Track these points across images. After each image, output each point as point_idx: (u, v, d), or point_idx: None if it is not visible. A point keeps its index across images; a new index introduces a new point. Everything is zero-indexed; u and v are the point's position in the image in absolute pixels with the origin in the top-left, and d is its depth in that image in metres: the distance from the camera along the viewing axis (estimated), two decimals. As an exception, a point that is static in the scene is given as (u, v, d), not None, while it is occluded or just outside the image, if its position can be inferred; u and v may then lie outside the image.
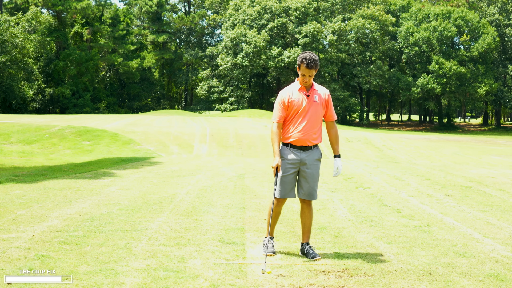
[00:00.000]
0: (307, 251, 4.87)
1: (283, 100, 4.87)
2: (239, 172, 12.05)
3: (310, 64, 4.74)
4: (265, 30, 56.34)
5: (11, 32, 48.28)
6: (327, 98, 4.94)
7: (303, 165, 4.88)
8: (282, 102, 4.87)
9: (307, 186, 4.90)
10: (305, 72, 4.78)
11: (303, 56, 4.79)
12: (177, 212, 6.73)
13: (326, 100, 4.93)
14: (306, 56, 4.77)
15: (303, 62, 4.76)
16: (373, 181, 10.60)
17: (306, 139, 4.85)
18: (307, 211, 5.00)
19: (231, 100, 58.98)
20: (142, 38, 74.00)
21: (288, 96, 4.86)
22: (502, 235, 5.88)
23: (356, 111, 59.59)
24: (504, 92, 57.17)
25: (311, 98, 4.86)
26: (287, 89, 4.94)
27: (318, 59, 4.81)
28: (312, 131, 4.86)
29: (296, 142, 4.86)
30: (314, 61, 4.75)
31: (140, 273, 4.19)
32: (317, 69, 4.80)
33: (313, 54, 4.81)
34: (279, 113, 4.88)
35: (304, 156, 4.87)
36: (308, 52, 4.83)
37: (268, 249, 4.87)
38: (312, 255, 4.78)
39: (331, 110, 4.98)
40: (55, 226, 5.76)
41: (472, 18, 54.73)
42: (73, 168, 12.28)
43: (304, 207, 5.02)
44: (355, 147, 24.58)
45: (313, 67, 4.75)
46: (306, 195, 4.92)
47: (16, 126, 23.39)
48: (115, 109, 62.19)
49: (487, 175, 12.02)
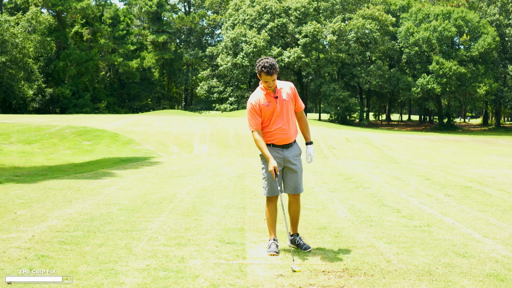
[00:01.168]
0: (298, 242, 5.06)
1: (253, 108, 4.94)
2: (239, 172, 12.05)
3: (270, 71, 4.78)
4: (265, 30, 56.35)
5: (11, 32, 48.29)
6: (293, 91, 5.05)
7: (287, 162, 5.04)
8: (253, 110, 4.94)
9: (293, 181, 5.06)
10: (267, 79, 4.83)
11: (261, 64, 4.80)
12: (177, 212, 6.73)
13: (293, 93, 5.03)
14: (264, 65, 4.79)
15: (262, 71, 4.80)
16: (373, 181, 10.60)
17: (286, 137, 5.02)
18: (295, 205, 5.17)
19: (231, 100, 58.99)
20: (142, 38, 74.03)
21: (258, 103, 4.94)
22: (502, 235, 5.87)
23: (356, 111, 59.59)
24: (504, 92, 57.19)
25: (280, 98, 4.95)
26: (254, 97, 4.99)
27: (275, 62, 4.83)
28: (290, 128, 5.02)
29: (278, 142, 5.02)
30: (272, 66, 4.78)
31: (140, 273, 4.19)
32: (277, 72, 4.84)
33: (270, 59, 4.82)
34: (254, 121, 4.96)
35: (287, 153, 5.04)
36: (264, 59, 4.83)
37: (271, 249, 4.91)
38: (304, 246, 4.99)
39: (299, 101, 5.10)
40: (55, 226, 5.76)
41: (472, 18, 54.74)
42: (73, 168, 12.27)
43: (292, 202, 5.17)
44: (355, 147, 24.58)
45: (273, 72, 4.80)
46: (293, 189, 5.08)
47: (16, 126, 23.39)
48: (115, 109, 62.20)
49: (487, 175, 12.02)
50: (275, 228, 5.15)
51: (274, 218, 5.12)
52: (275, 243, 4.98)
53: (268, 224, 5.12)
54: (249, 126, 5.02)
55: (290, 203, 5.17)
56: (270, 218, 5.10)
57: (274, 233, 5.08)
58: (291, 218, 5.18)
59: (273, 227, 5.11)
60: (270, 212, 5.10)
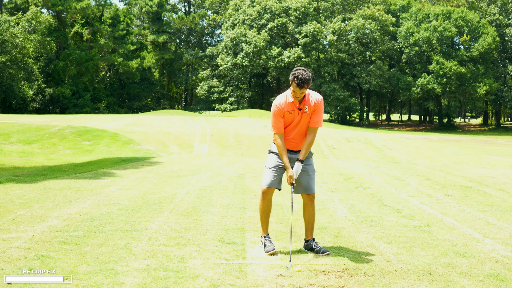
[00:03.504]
0: (314, 247, 5.00)
1: (279, 110, 4.93)
2: (239, 172, 12.05)
3: (301, 84, 4.71)
4: (265, 30, 56.34)
5: (11, 32, 48.26)
6: (316, 106, 4.91)
7: (293, 161, 5.02)
8: (278, 112, 4.93)
9: (304, 181, 5.03)
10: (296, 90, 4.78)
11: (295, 74, 4.73)
12: (177, 212, 6.73)
13: (313, 108, 4.91)
14: (298, 76, 4.71)
15: (294, 81, 4.74)
16: (373, 181, 10.60)
17: (296, 145, 5.04)
18: (310, 208, 5.10)
19: (231, 100, 58.98)
20: (142, 38, 74.01)
21: (283, 107, 4.92)
22: (502, 235, 5.88)
23: (356, 111, 59.58)
24: (504, 92, 57.16)
25: (302, 110, 4.91)
26: (280, 100, 4.95)
27: (310, 76, 4.74)
28: (301, 138, 5.01)
29: (288, 147, 5.05)
30: (306, 80, 4.69)
31: (140, 273, 4.20)
32: (309, 85, 4.77)
33: (306, 72, 4.72)
34: (278, 124, 4.95)
35: (295, 156, 5.04)
36: (301, 70, 4.74)
37: (269, 248, 4.91)
38: (322, 250, 4.93)
39: (316, 117, 4.94)
40: (55, 226, 5.76)
41: (472, 18, 54.72)
42: (73, 168, 12.27)
43: (307, 204, 5.11)
44: (355, 147, 24.59)
45: (304, 86, 4.73)
46: (304, 189, 5.04)
47: (16, 126, 23.39)
48: (115, 109, 62.17)
49: (487, 175, 12.02)
50: (268, 224, 5.16)
51: (267, 213, 5.12)
52: (268, 239, 5.00)
53: (261, 220, 5.12)
54: (272, 128, 5.01)
55: (305, 206, 5.12)
56: (263, 213, 5.09)
57: (266, 229, 5.10)
58: (306, 223, 5.14)
59: (266, 223, 5.12)
60: (264, 206, 5.06)
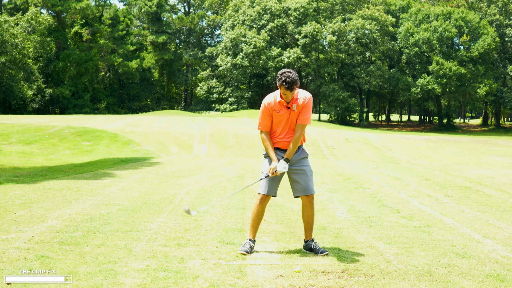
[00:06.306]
0: (314, 247, 5.00)
1: (267, 109, 4.97)
2: (239, 172, 12.05)
3: (291, 87, 4.77)
4: (265, 30, 56.34)
5: (11, 32, 48.25)
6: (304, 104, 4.92)
7: (291, 164, 5.02)
8: (266, 110, 4.97)
9: (302, 181, 5.01)
10: (287, 93, 4.83)
11: (282, 79, 4.77)
12: (176, 213, 6.73)
13: (302, 105, 4.92)
14: (285, 79, 4.75)
15: (283, 85, 4.78)
16: (372, 181, 10.60)
17: (286, 143, 5.04)
18: (309, 209, 5.07)
19: (231, 101, 58.98)
20: (142, 38, 74.02)
21: (272, 106, 4.96)
22: (502, 235, 5.88)
23: (356, 112, 59.57)
24: (503, 92, 57.15)
25: (291, 108, 4.94)
26: (269, 99, 5.00)
27: (297, 75, 4.80)
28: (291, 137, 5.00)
29: (282, 146, 5.05)
30: (294, 81, 4.75)
31: (139, 274, 4.19)
32: (298, 85, 4.81)
33: (292, 73, 4.77)
34: (264, 121, 5.01)
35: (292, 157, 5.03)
36: (286, 72, 4.78)
37: (244, 247, 4.90)
38: (321, 251, 4.93)
39: (304, 114, 4.94)
40: (55, 226, 5.76)
41: (472, 19, 54.72)
42: (73, 169, 12.27)
43: (306, 205, 5.08)
44: (355, 148, 24.59)
45: (293, 88, 4.78)
46: (303, 190, 5.02)
47: (16, 126, 23.38)
48: (114, 110, 62.17)
49: (486, 176, 12.02)
50: (256, 230, 5.13)
51: (258, 220, 5.09)
52: (250, 243, 4.98)
53: (251, 223, 5.09)
54: (259, 125, 5.06)
55: (304, 207, 5.10)
56: (255, 218, 5.07)
57: (253, 235, 5.08)
58: (305, 224, 5.14)
59: (255, 228, 5.10)
60: (257, 212, 5.05)
